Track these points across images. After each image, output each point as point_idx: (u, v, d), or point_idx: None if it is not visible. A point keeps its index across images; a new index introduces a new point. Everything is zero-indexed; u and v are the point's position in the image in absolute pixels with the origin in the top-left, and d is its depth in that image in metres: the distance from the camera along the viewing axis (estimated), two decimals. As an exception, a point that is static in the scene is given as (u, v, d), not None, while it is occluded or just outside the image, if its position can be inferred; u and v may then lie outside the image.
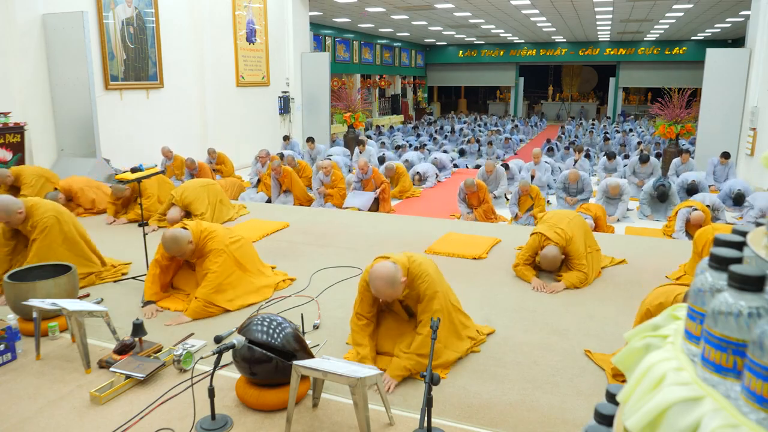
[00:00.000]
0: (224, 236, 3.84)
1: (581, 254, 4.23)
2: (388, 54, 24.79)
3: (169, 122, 10.07)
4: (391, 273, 2.74)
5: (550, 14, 16.95)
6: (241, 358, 2.50)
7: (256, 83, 12.33)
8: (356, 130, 14.00)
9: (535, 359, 3.07)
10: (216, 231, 3.82)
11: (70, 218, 4.18)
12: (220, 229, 3.90)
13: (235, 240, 3.94)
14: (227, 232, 3.97)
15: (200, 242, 3.72)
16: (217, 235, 3.78)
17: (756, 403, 0.70)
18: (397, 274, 2.76)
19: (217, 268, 3.67)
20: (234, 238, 3.96)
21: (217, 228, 3.89)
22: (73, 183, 6.50)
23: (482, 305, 3.80)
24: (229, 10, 11.32)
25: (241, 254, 3.91)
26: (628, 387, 0.86)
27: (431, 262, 3.05)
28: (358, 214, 6.96)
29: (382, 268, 2.77)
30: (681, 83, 14.50)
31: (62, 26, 7.76)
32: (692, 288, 0.88)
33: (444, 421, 2.49)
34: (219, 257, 3.70)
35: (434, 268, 3.02)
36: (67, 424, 2.47)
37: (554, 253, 4.19)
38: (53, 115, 8.10)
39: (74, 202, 6.48)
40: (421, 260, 2.97)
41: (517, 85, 28.58)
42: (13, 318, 3.12)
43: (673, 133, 10.74)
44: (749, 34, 11.28)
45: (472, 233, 5.60)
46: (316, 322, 3.49)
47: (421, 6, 15.19)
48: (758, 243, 0.86)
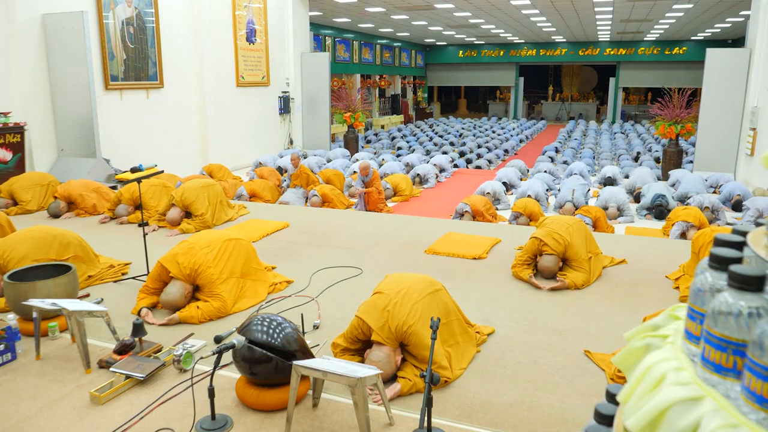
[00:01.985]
0: (209, 265, 3.64)
1: (582, 258, 4.23)
2: (388, 54, 24.79)
3: (169, 122, 10.07)
4: (388, 358, 2.68)
5: (550, 14, 16.95)
6: (241, 358, 2.50)
7: (256, 83, 12.33)
8: (356, 130, 14.01)
9: (535, 359, 3.07)
10: (201, 264, 3.59)
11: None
12: (206, 254, 3.67)
13: (222, 254, 3.76)
14: (211, 249, 3.74)
15: (192, 280, 3.61)
16: (203, 271, 3.59)
17: (756, 403, 0.70)
18: (391, 363, 2.68)
19: (210, 302, 3.59)
20: (221, 253, 3.76)
21: (202, 255, 3.64)
22: (72, 189, 6.45)
23: (482, 305, 3.80)
24: (229, 10, 11.32)
25: (233, 264, 3.81)
26: (628, 387, 0.86)
27: (419, 296, 2.81)
28: (358, 214, 6.96)
29: (379, 357, 2.67)
30: (681, 83, 14.50)
31: (62, 26, 7.76)
32: (692, 288, 0.88)
33: (444, 421, 2.49)
34: (213, 293, 3.61)
35: (426, 302, 2.80)
36: (67, 424, 2.47)
37: (552, 263, 4.20)
38: (53, 115, 8.10)
39: (76, 206, 6.46)
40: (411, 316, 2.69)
41: (517, 85, 28.57)
42: (13, 318, 3.12)
43: (673, 133, 10.74)
44: (749, 34, 11.28)
45: (472, 233, 5.60)
46: (316, 322, 3.49)
47: (421, 6, 15.19)
48: (758, 243, 0.86)
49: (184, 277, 3.60)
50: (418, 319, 2.69)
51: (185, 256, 3.63)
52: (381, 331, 2.69)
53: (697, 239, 4.22)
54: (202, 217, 5.73)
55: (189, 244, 3.72)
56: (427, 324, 2.68)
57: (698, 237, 4.22)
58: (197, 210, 5.75)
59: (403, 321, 2.67)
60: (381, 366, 2.59)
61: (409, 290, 2.81)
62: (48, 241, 3.93)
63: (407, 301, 2.74)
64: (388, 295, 2.78)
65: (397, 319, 2.68)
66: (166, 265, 3.60)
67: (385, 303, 2.74)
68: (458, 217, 7.03)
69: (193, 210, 5.76)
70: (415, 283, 2.88)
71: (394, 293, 2.79)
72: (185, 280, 3.61)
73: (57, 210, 6.31)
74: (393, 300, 2.75)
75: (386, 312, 2.71)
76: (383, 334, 2.69)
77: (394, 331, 2.69)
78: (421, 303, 2.78)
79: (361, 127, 14.41)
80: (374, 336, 2.70)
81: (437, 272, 4.31)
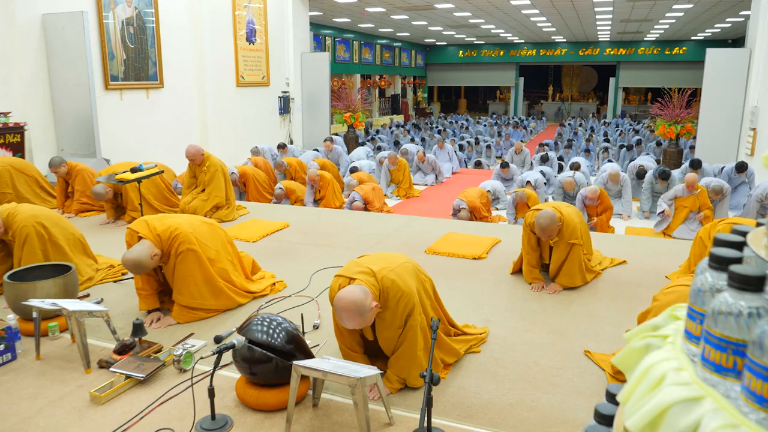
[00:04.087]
0: (188, 232, 3.44)
1: (577, 231, 3.97)
2: (388, 54, 24.79)
3: (169, 122, 10.07)
4: (359, 300, 2.34)
5: (550, 14, 16.95)
6: (241, 358, 2.50)
7: (256, 83, 12.33)
8: (356, 130, 14.00)
9: (535, 359, 3.07)
10: (179, 227, 3.40)
11: (57, 221, 4.03)
12: (183, 222, 3.49)
13: (199, 229, 3.56)
14: (189, 221, 3.57)
15: (165, 246, 3.35)
16: (181, 232, 3.38)
17: (756, 403, 0.70)
18: (366, 301, 2.36)
19: (189, 271, 3.39)
20: (197, 226, 3.57)
21: (178, 222, 3.47)
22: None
23: (482, 305, 3.80)
24: (229, 10, 11.32)
25: (210, 241, 3.59)
26: (628, 387, 0.86)
27: (406, 266, 2.72)
28: (358, 214, 6.96)
29: (348, 295, 2.35)
30: (681, 83, 14.49)
31: (62, 26, 7.76)
32: (692, 288, 0.88)
33: (444, 421, 2.49)
34: (189, 258, 3.38)
35: (411, 273, 2.70)
36: (67, 424, 2.47)
37: (550, 216, 3.80)
38: (53, 115, 8.10)
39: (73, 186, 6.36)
40: (393, 273, 2.57)
41: (517, 85, 28.58)
42: (13, 318, 3.12)
43: (673, 133, 10.75)
44: (749, 34, 11.28)
45: (472, 233, 5.60)
46: (316, 322, 3.49)
47: (421, 6, 15.19)
48: (758, 243, 0.86)
49: (153, 238, 3.29)
50: (393, 269, 2.58)
51: (159, 220, 3.43)
52: (360, 275, 2.53)
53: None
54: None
55: (164, 215, 3.58)
56: (405, 278, 2.59)
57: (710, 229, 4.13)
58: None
59: (382, 267, 2.58)
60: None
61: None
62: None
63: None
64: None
65: (376, 266, 2.58)
66: (134, 228, 3.36)
67: (361, 261, 2.73)
68: (455, 214, 7.05)
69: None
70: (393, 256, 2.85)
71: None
72: (154, 241, 3.30)
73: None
74: (370, 258, 2.75)
75: (361, 264, 2.64)
76: (362, 276, 2.51)
77: (373, 274, 2.53)
78: (400, 264, 2.71)
79: (361, 127, 14.41)
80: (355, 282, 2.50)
81: (437, 272, 4.30)
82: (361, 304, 2.34)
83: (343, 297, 2.35)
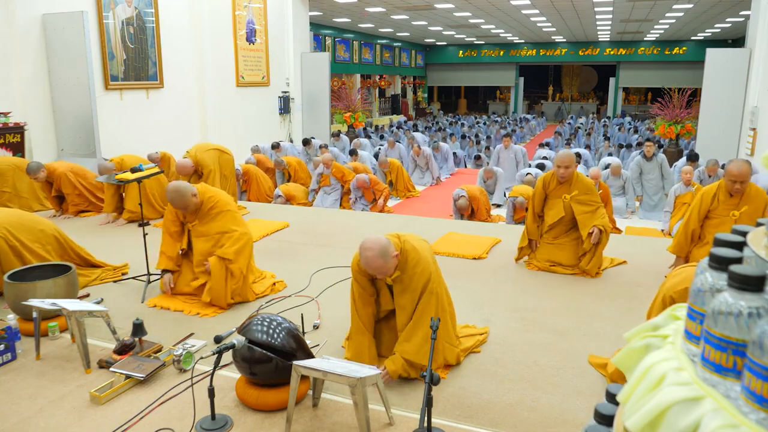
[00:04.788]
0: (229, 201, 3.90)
1: (593, 190, 4.38)
2: (388, 54, 24.80)
3: (169, 122, 10.07)
4: (383, 243, 2.64)
5: (550, 14, 16.95)
6: (241, 358, 2.50)
7: (256, 83, 12.33)
8: (356, 130, 14.01)
9: (535, 359, 3.07)
10: (220, 195, 3.87)
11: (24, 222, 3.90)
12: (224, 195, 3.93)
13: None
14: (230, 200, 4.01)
15: (205, 201, 3.78)
16: (221, 199, 3.84)
17: (756, 403, 0.70)
18: (389, 247, 2.65)
19: (236, 227, 3.75)
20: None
21: (221, 193, 3.93)
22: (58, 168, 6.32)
23: (482, 305, 3.80)
24: (229, 10, 11.32)
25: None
26: (628, 387, 0.86)
27: (425, 244, 2.94)
28: (358, 214, 6.96)
29: (373, 238, 2.67)
30: (681, 83, 14.50)
31: (62, 26, 7.75)
32: (692, 288, 0.88)
33: (444, 421, 2.49)
34: (233, 217, 3.79)
35: (428, 251, 2.92)
36: (67, 424, 2.47)
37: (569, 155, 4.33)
38: (53, 115, 8.10)
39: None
40: (415, 242, 2.85)
41: (517, 85, 28.58)
42: (13, 318, 3.12)
43: (673, 133, 10.75)
44: (749, 34, 11.28)
45: (472, 233, 5.60)
46: (316, 322, 3.49)
47: (421, 6, 15.19)
48: (758, 243, 0.86)
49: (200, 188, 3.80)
50: (415, 243, 2.83)
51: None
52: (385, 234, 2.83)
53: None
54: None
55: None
56: (425, 253, 2.84)
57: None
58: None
59: (406, 237, 2.85)
60: (378, 242, 2.62)
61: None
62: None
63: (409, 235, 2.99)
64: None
65: (401, 236, 2.84)
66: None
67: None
68: (454, 203, 7.07)
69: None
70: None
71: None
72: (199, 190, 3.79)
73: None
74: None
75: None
76: (387, 235, 2.78)
77: (398, 236, 2.82)
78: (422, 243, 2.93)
79: (361, 127, 14.42)
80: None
81: (437, 272, 4.30)
82: (384, 247, 2.62)
83: (368, 239, 2.66)
